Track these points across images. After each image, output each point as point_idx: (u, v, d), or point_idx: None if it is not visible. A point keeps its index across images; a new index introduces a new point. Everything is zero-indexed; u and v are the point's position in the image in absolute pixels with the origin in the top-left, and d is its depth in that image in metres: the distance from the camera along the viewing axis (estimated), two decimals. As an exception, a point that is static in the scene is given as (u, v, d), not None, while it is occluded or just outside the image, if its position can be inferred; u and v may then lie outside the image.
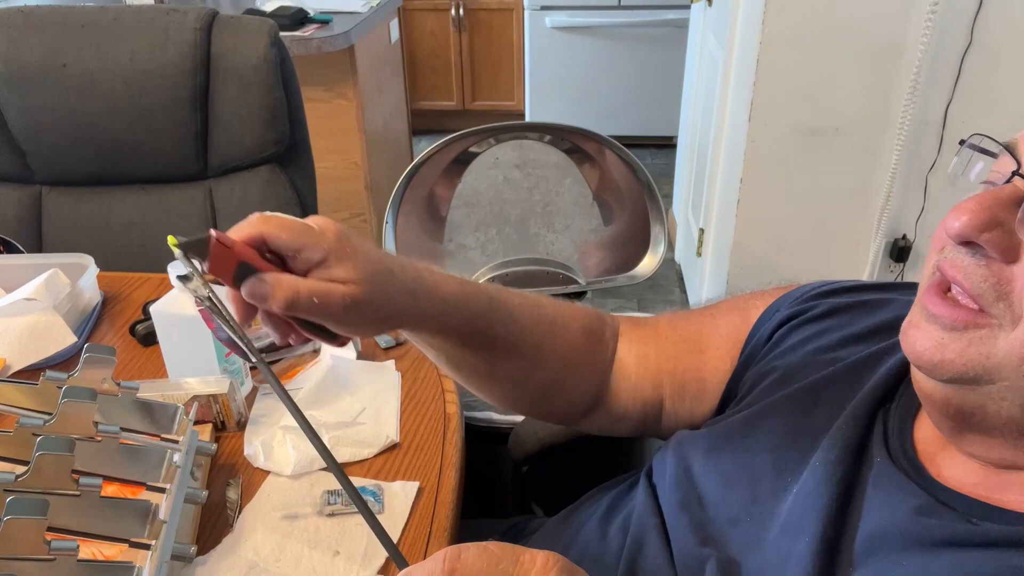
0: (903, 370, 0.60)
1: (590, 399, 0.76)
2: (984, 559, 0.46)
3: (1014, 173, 0.48)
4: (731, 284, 2.10)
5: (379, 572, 0.71)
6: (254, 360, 0.55)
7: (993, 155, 0.52)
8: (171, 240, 0.53)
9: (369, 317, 0.58)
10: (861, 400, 0.59)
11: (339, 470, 0.50)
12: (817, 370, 0.63)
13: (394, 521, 0.76)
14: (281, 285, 0.53)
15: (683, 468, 0.65)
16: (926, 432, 0.56)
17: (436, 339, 0.67)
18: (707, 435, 0.66)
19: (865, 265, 2.01)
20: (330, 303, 0.54)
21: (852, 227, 1.97)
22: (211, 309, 0.55)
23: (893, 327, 0.63)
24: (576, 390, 0.75)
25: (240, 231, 0.54)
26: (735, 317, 0.74)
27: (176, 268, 0.85)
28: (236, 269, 0.53)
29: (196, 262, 0.54)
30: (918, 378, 0.53)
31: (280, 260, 0.56)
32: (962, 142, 0.53)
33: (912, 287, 0.68)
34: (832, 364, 0.63)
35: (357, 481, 0.80)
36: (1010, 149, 0.50)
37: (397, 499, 0.79)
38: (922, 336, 0.50)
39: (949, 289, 0.49)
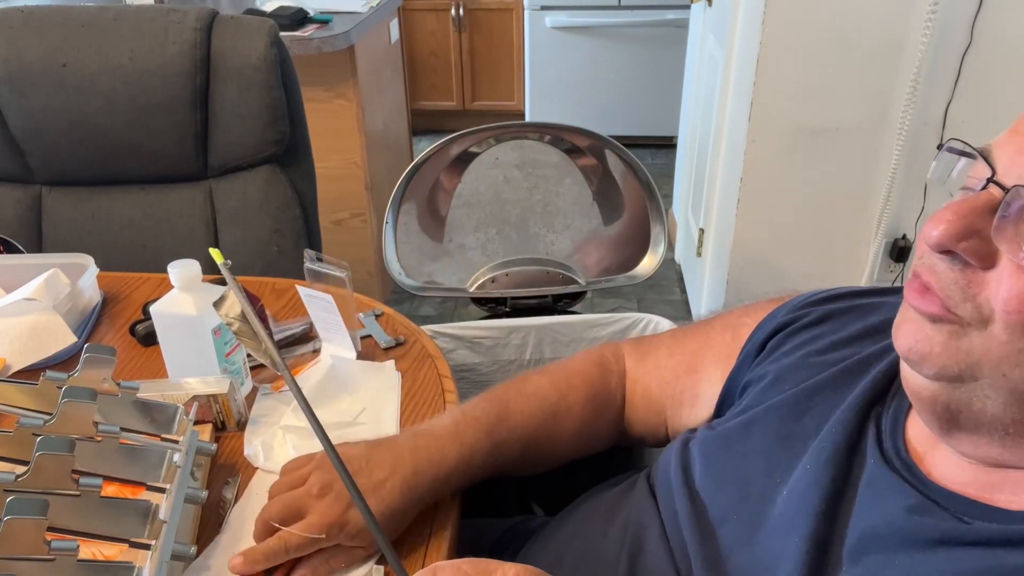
0: (894, 372, 0.60)
1: (607, 442, 0.84)
2: (976, 558, 0.47)
3: (989, 180, 0.49)
4: (731, 284, 2.10)
5: (376, 564, 0.72)
6: (284, 375, 0.59)
7: (972, 157, 0.52)
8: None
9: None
10: (852, 403, 0.60)
11: (349, 479, 0.53)
12: (809, 374, 0.64)
13: None
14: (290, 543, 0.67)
15: (681, 470, 0.66)
16: (918, 432, 0.57)
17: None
18: (705, 439, 0.67)
19: (865, 265, 2.01)
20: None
21: (852, 227, 1.97)
22: (241, 331, 0.58)
23: (883, 330, 0.64)
24: (594, 445, 0.83)
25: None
26: (727, 335, 0.78)
27: (207, 293, 0.86)
28: None
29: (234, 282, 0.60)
30: (907, 376, 0.54)
31: None
32: (940, 147, 0.54)
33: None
34: (824, 368, 0.64)
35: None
36: (984, 155, 0.50)
37: None
38: (913, 330, 0.51)
39: (929, 288, 0.50)
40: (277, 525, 0.66)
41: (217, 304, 0.59)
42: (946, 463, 0.54)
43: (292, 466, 0.72)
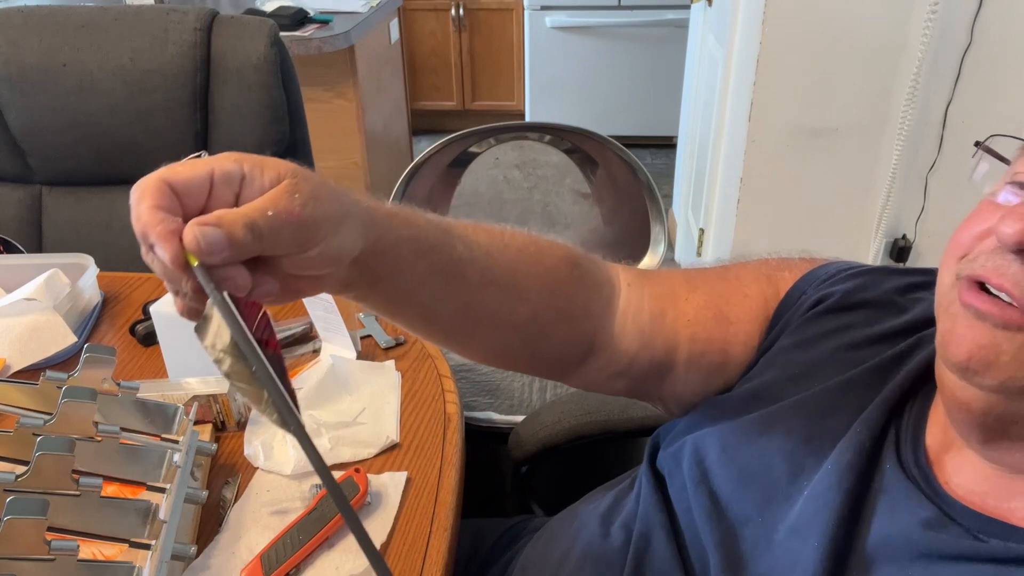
0: (923, 373, 0.58)
1: (584, 343, 0.68)
2: (991, 574, 0.46)
3: None
4: (731, 284, 2.10)
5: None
6: (299, 438, 0.41)
7: (1006, 161, 0.50)
8: (192, 260, 0.42)
9: (329, 211, 0.47)
10: (878, 404, 0.58)
11: (325, 469, 0.41)
12: (839, 370, 0.62)
13: (386, 511, 0.77)
14: (228, 216, 0.43)
15: (696, 461, 0.63)
16: (936, 436, 0.56)
17: (402, 270, 0.56)
18: (724, 430, 0.64)
19: (865, 265, 2.01)
20: (283, 204, 0.44)
21: (852, 227, 1.97)
22: (234, 372, 0.42)
23: (917, 327, 0.62)
24: (567, 330, 0.66)
25: (145, 199, 0.44)
26: (764, 287, 0.69)
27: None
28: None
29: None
30: (955, 388, 0.50)
31: None
32: (977, 144, 0.52)
33: (935, 273, 0.67)
34: (854, 365, 0.61)
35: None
36: None
37: (387, 490, 0.79)
38: (974, 335, 0.47)
39: (986, 289, 0.48)
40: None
41: (200, 330, 0.43)
42: (964, 471, 0.53)
43: None
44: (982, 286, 0.48)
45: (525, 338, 0.66)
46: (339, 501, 0.40)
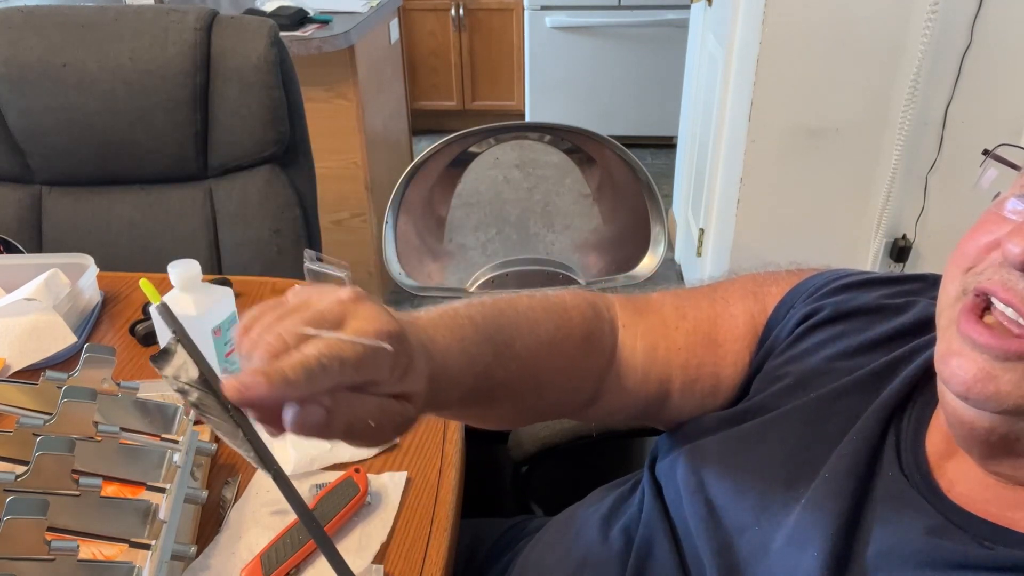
0: (919, 378, 0.58)
1: (586, 400, 0.69)
2: None
3: None
4: (731, 284, 2.10)
5: (373, 562, 0.72)
6: (272, 474, 0.43)
7: (1016, 167, 0.50)
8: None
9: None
10: (875, 410, 0.57)
11: (291, 490, 0.43)
12: (834, 378, 0.61)
13: (386, 511, 0.77)
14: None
15: (693, 470, 0.63)
16: (937, 444, 0.55)
17: (438, 408, 0.59)
18: (720, 440, 0.64)
19: (865, 265, 2.01)
20: (389, 422, 0.46)
21: (852, 227, 1.97)
22: (204, 404, 0.41)
23: (913, 331, 0.61)
24: (573, 399, 0.69)
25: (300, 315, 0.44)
26: (751, 304, 0.69)
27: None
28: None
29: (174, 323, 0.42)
30: (956, 407, 0.50)
31: None
32: (986, 152, 0.51)
33: (928, 279, 0.65)
34: (849, 373, 0.61)
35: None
36: None
37: (387, 490, 0.79)
38: (969, 365, 0.47)
39: (986, 310, 0.47)
40: (311, 331, 0.42)
41: (160, 361, 0.42)
42: (967, 479, 0.52)
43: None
44: (987, 302, 0.47)
45: (535, 418, 0.73)
46: (313, 530, 0.43)
